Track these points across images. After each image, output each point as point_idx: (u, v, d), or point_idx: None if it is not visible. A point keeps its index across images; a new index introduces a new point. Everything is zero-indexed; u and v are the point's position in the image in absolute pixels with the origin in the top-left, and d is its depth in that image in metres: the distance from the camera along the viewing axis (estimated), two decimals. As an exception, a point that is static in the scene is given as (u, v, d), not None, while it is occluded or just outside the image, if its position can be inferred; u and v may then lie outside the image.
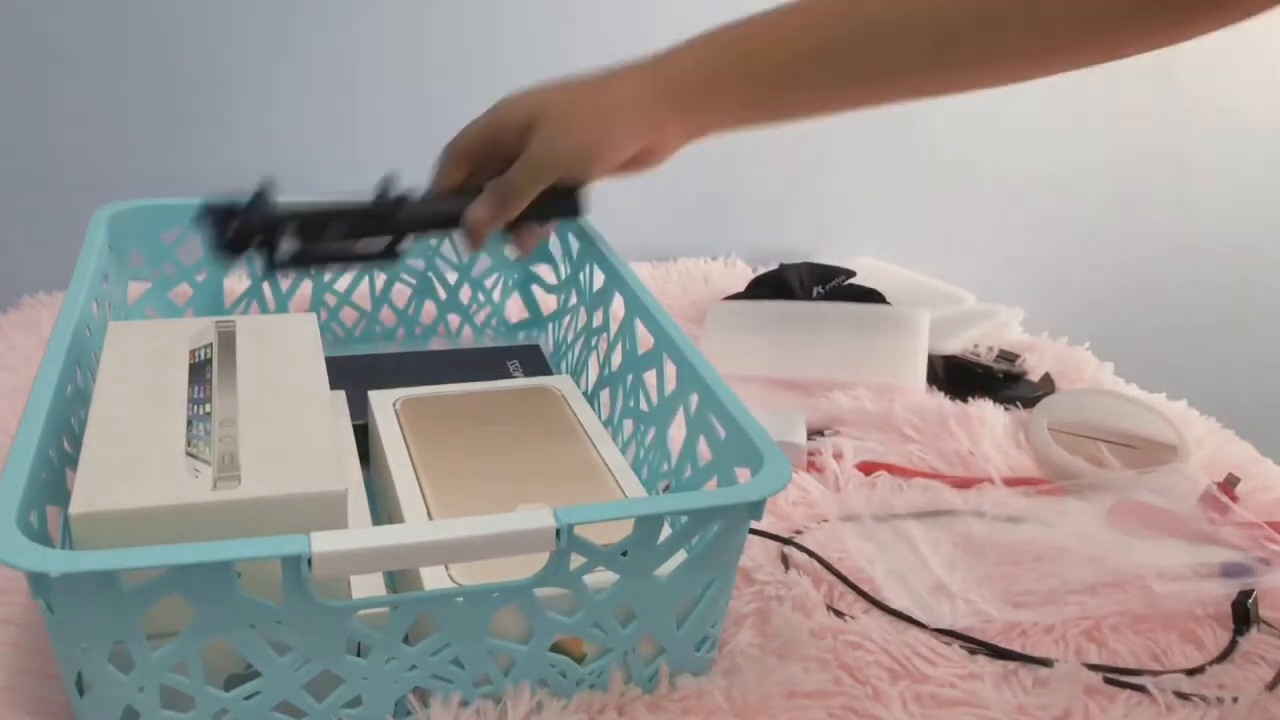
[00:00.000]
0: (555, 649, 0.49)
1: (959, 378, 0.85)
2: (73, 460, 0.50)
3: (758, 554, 0.63)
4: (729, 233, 1.14)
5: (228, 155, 0.96)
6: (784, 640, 0.56)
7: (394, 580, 0.55)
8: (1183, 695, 0.54)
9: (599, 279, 0.73)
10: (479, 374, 0.71)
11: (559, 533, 0.44)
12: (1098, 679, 0.54)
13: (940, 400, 0.82)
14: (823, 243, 1.17)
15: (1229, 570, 0.64)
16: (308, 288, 0.81)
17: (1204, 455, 0.76)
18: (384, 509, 0.61)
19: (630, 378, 0.67)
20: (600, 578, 0.47)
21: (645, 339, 0.64)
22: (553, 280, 0.82)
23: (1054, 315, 1.02)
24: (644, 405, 0.65)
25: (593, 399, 0.73)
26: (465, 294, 0.85)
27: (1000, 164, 1.21)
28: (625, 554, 0.47)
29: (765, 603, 0.59)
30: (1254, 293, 1.35)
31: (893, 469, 0.72)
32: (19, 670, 0.51)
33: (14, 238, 0.94)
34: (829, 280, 0.97)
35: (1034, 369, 0.87)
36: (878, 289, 0.97)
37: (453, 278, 0.84)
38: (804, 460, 0.73)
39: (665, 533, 0.47)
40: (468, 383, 0.68)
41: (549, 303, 0.84)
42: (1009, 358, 0.87)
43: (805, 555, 0.62)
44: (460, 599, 0.46)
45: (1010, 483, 0.72)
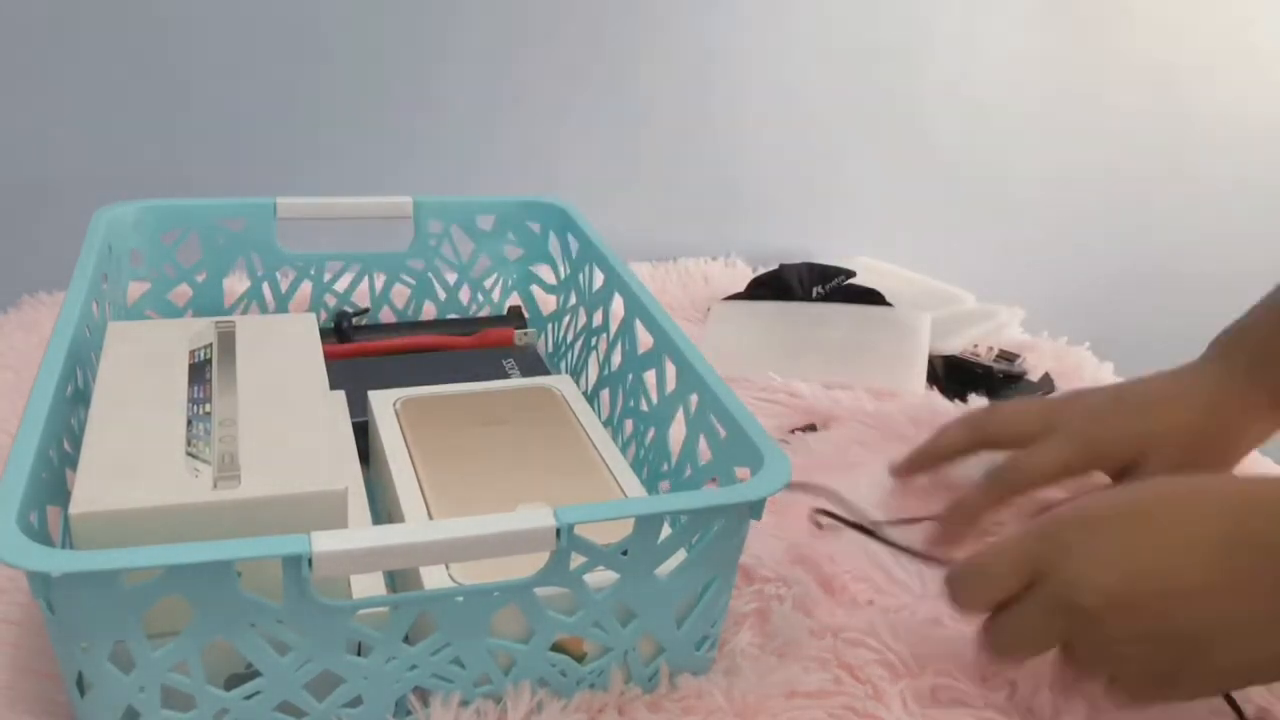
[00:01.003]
0: (555, 648, 0.49)
1: (959, 378, 0.85)
2: (73, 460, 0.50)
3: (759, 552, 0.62)
4: (729, 233, 1.14)
5: (229, 156, 0.96)
6: (784, 640, 0.56)
7: (394, 580, 0.55)
8: None
9: (599, 279, 0.73)
10: (477, 374, 0.71)
11: (559, 532, 0.44)
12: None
13: (940, 400, 0.82)
14: (823, 243, 1.17)
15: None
16: (308, 287, 0.81)
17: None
18: (384, 509, 0.61)
19: (630, 378, 0.67)
20: (600, 577, 0.47)
21: (645, 339, 0.64)
22: (552, 280, 0.82)
23: (1054, 315, 1.02)
24: (644, 405, 0.65)
25: (593, 399, 0.73)
26: (465, 294, 0.85)
27: (1000, 164, 1.21)
28: (625, 553, 0.47)
29: (765, 602, 0.59)
30: (1254, 293, 1.34)
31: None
32: (19, 670, 0.51)
33: (14, 238, 0.94)
34: (829, 280, 0.97)
35: (1034, 369, 0.87)
36: (877, 289, 0.97)
37: (452, 278, 0.84)
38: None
39: (665, 532, 0.48)
40: (467, 383, 0.68)
41: (548, 303, 0.84)
42: (1009, 358, 0.87)
43: (808, 549, 0.62)
44: (460, 598, 0.46)
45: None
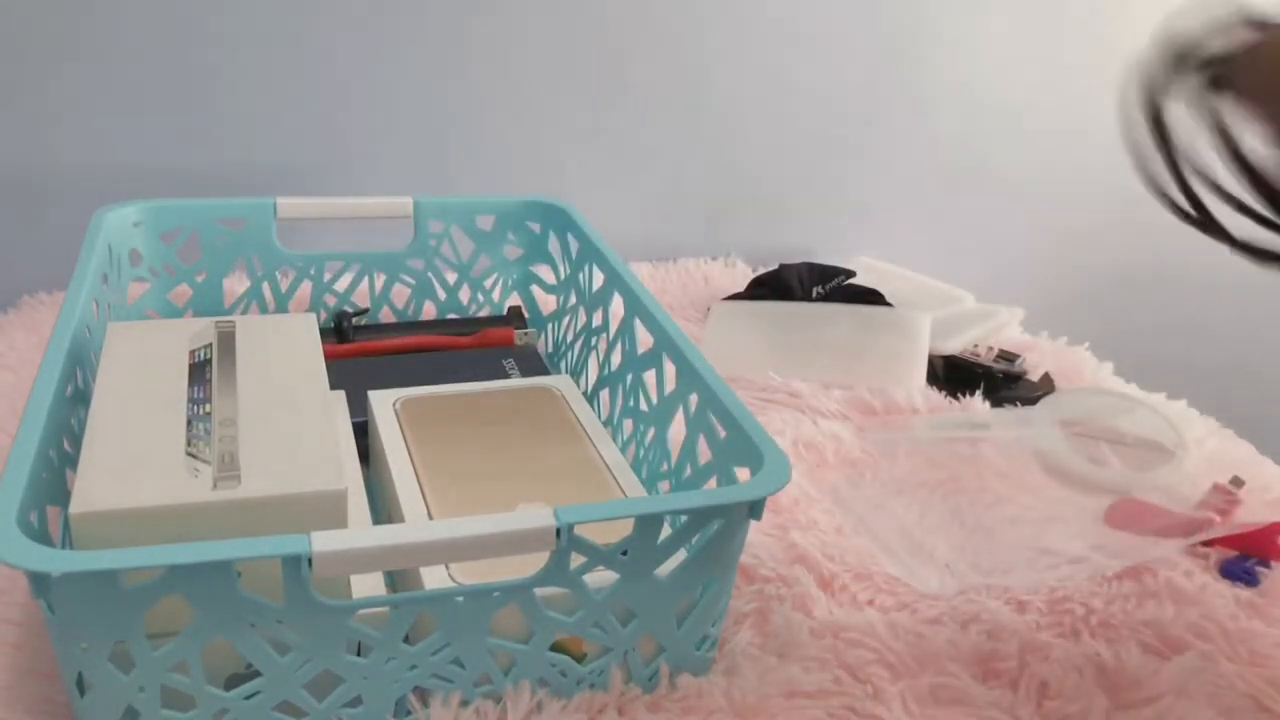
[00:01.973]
0: (555, 648, 0.49)
1: (959, 378, 0.85)
2: (73, 460, 0.50)
3: (759, 552, 0.63)
4: (729, 233, 1.14)
5: (229, 156, 0.96)
6: (784, 640, 0.56)
7: (394, 580, 0.55)
8: None
9: (598, 279, 0.73)
10: (477, 374, 0.71)
11: (559, 532, 0.44)
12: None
13: (939, 400, 0.82)
14: (823, 243, 1.17)
15: (1228, 570, 0.64)
16: (308, 287, 0.81)
17: (1204, 455, 0.76)
18: (384, 509, 0.61)
19: (630, 377, 0.67)
20: (600, 577, 0.47)
21: (645, 339, 0.64)
22: (552, 280, 0.82)
23: (1054, 315, 1.02)
24: (643, 405, 0.65)
25: (592, 399, 0.73)
26: (465, 294, 0.85)
27: (1000, 164, 1.21)
28: (625, 553, 0.47)
29: (765, 602, 0.59)
30: (1254, 292, 1.35)
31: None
32: (19, 670, 0.51)
33: (14, 238, 0.94)
34: (829, 280, 0.97)
35: (1034, 369, 0.87)
36: (878, 289, 0.97)
37: (452, 278, 0.84)
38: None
39: (665, 532, 0.47)
40: (468, 383, 0.68)
41: (548, 302, 0.84)
42: (1009, 358, 0.87)
43: (808, 549, 0.62)
44: (460, 598, 0.46)
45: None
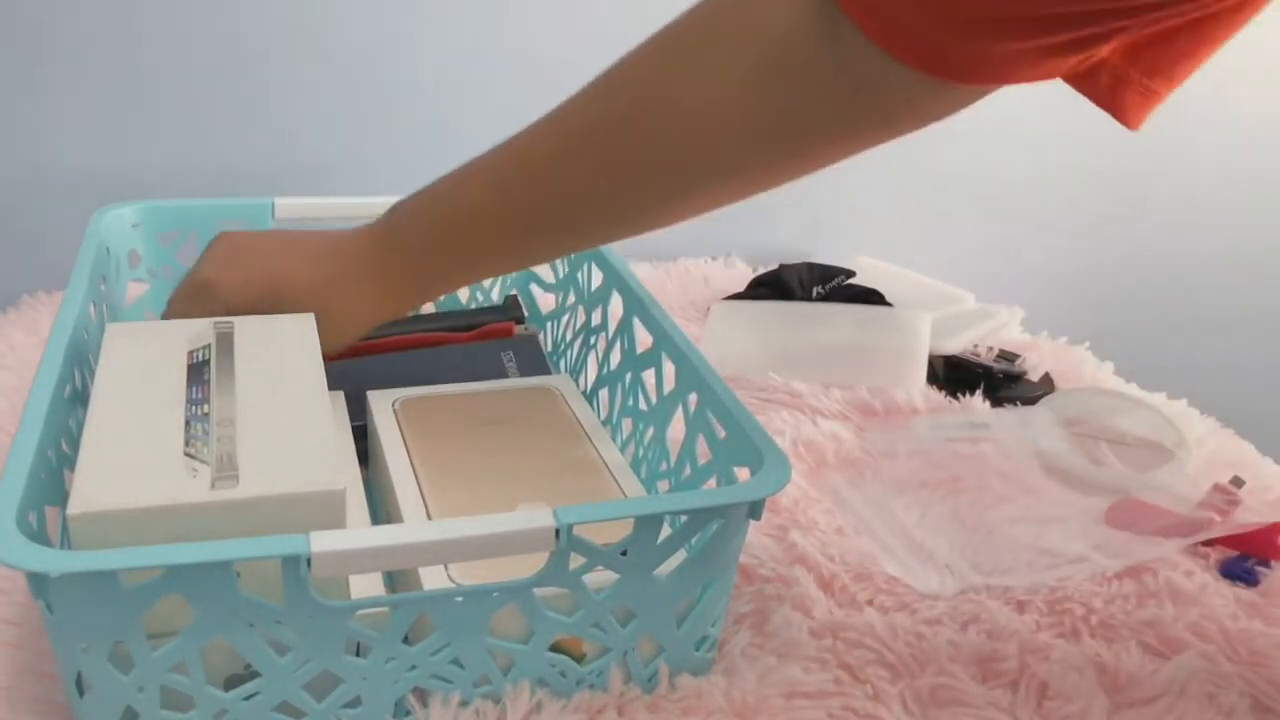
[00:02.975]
0: (555, 649, 0.49)
1: (959, 378, 0.85)
2: (72, 460, 0.50)
3: (759, 552, 0.62)
4: (729, 233, 1.14)
5: (229, 156, 0.96)
6: (784, 640, 0.56)
7: (393, 580, 0.55)
8: None
9: (597, 278, 0.73)
10: (476, 369, 0.71)
11: (558, 532, 0.44)
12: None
13: (939, 400, 0.82)
14: (823, 243, 1.17)
15: (1228, 570, 0.64)
16: (307, 288, 0.81)
17: (1204, 455, 0.76)
18: (383, 509, 0.61)
19: (629, 377, 0.67)
20: (600, 577, 0.47)
21: (644, 338, 0.64)
22: (551, 279, 0.82)
23: (1054, 315, 1.02)
24: (643, 404, 0.65)
25: (592, 398, 0.73)
26: (464, 293, 0.85)
27: (1000, 164, 1.21)
28: (625, 553, 0.47)
29: (765, 603, 0.59)
30: (1254, 292, 1.35)
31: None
32: (19, 670, 0.51)
33: (14, 238, 0.94)
34: (829, 280, 0.97)
35: (1034, 369, 0.87)
36: (877, 289, 0.97)
37: (452, 278, 0.84)
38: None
39: (665, 532, 0.47)
40: (467, 382, 0.68)
41: (547, 301, 0.84)
42: (1009, 358, 0.87)
43: (808, 549, 0.62)
44: (460, 599, 0.46)
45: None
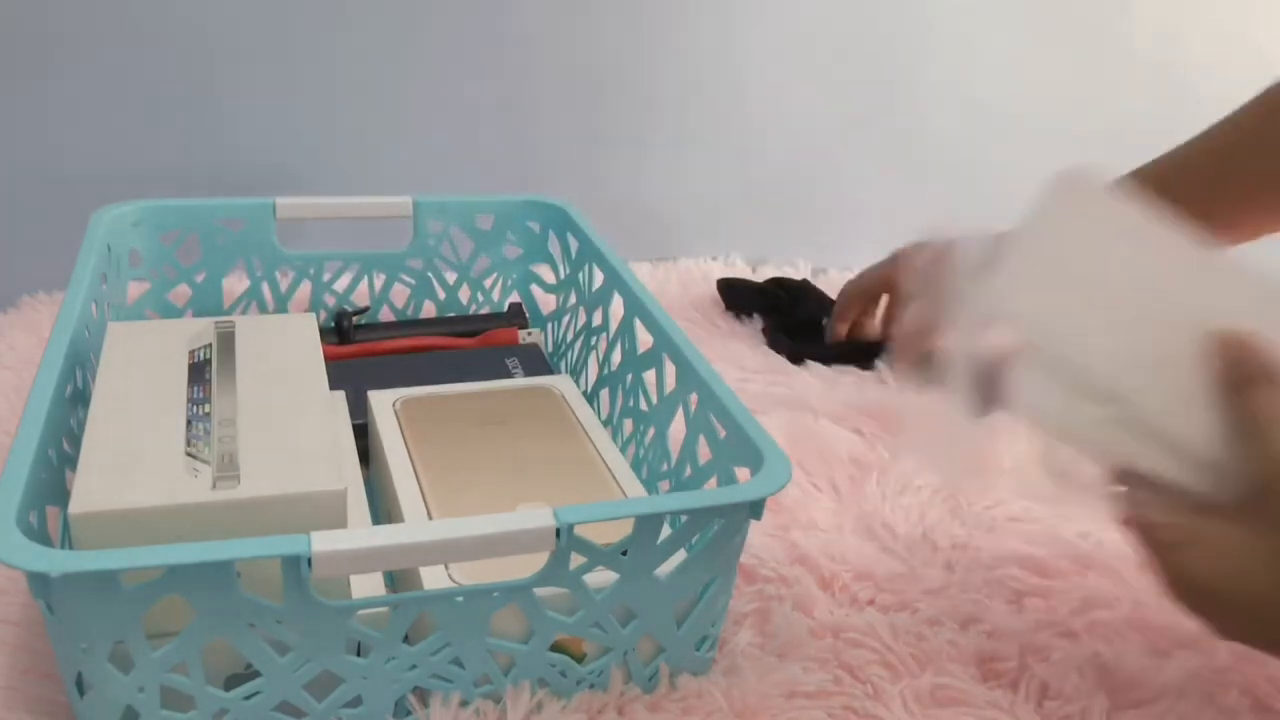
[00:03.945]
0: (555, 648, 0.49)
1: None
2: (72, 460, 0.50)
3: (759, 552, 0.62)
4: (729, 233, 1.14)
5: (229, 156, 0.96)
6: (784, 640, 0.56)
7: (394, 580, 0.55)
8: None
9: (598, 279, 0.73)
10: (479, 374, 0.71)
11: (559, 532, 0.44)
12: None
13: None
14: (822, 243, 1.17)
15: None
16: (307, 287, 0.81)
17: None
18: (384, 509, 0.61)
19: (630, 377, 0.67)
20: (600, 577, 0.47)
21: (645, 338, 0.64)
22: (552, 280, 0.82)
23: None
24: (643, 405, 0.65)
25: (592, 398, 0.73)
26: (465, 294, 0.85)
27: (1000, 164, 1.21)
28: (625, 553, 0.47)
29: (765, 602, 0.59)
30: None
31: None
32: (19, 670, 0.51)
33: (14, 238, 0.94)
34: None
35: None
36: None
37: (452, 277, 0.84)
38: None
39: (665, 532, 0.47)
40: (467, 383, 0.68)
41: (548, 302, 0.84)
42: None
43: (808, 549, 0.62)
44: (460, 599, 0.46)
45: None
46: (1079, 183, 0.49)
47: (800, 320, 0.93)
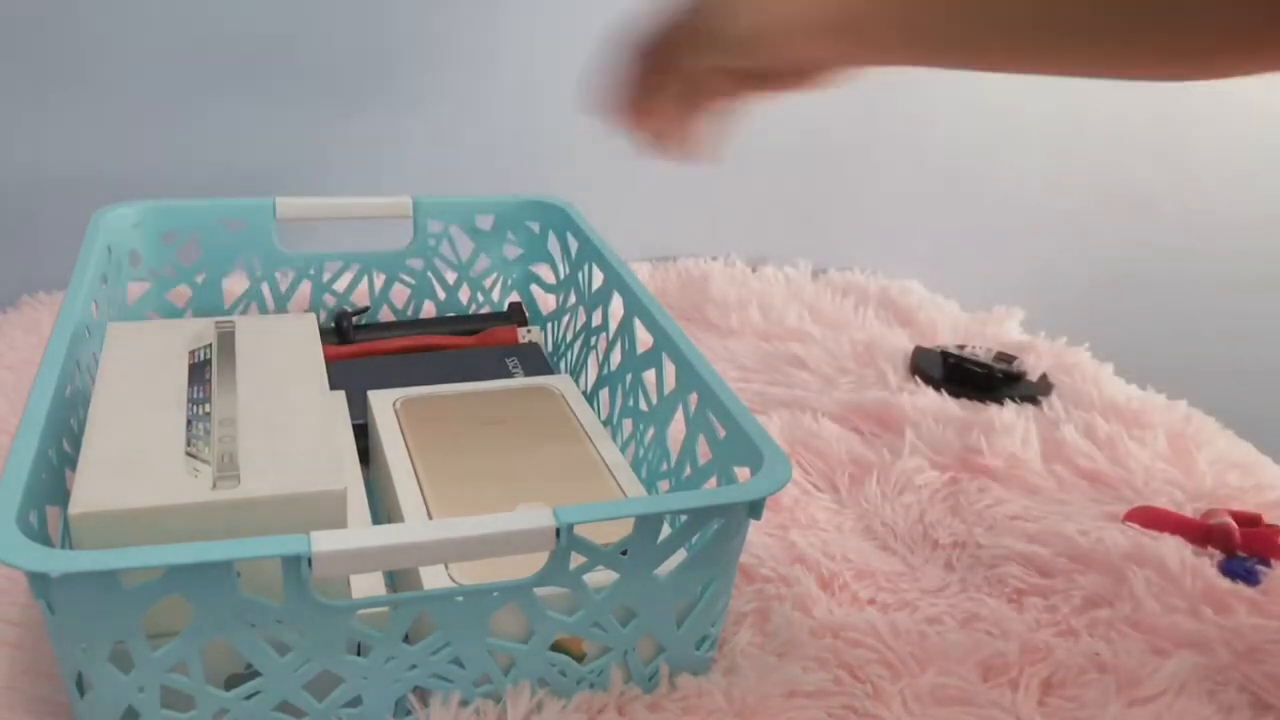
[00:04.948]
0: (555, 648, 0.49)
1: (958, 378, 0.85)
2: (73, 460, 0.50)
3: (759, 552, 0.63)
4: (729, 233, 1.14)
5: (228, 156, 0.96)
6: (784, 640, 0.56)
7: (394, 580, 0.55)
8: None
9: (598, 278, 0.73)
10: (479, 374, 0.71)
11: (559, 532, 0.44)
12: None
13: (937, 400, 0.82)
14: (823, 243, 1.17)
15: (1228, 569, 0.64)
16: (307, 287, 0.81)
17: (1206, 456, 0.76)
18: (384, 509, 0.61)
19: (629, 377, 0.67)
20: (600, 577, 0.47)
21: (644, 338, 0.64)
22: (552, 280, 0.82)
23: (1054, 315, 1.02)
24: (643, 404, 0.65)
25: (592, 398, 0.73)
26: (465, 294, 0.85)
27: (1000, 164, 1.21)
28: (625, 553, 0.47)
29: (765, 602, 0.59)
30: (1254, 292, 1.35)
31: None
32: (19, 670, 0.51)
33: (14, 238, 0.94)
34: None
35: (1033, 369, 0.87)
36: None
37: (452, 277, 0.84)
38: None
39: (665, 532, 0.47)
40: (467, 383, 0.68)
41: (548, 302, 0.84)
42: (1008, 358, 0.87)
43: (808, 548, 0.62)
44: (460, 598, 0.46)
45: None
46: None
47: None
